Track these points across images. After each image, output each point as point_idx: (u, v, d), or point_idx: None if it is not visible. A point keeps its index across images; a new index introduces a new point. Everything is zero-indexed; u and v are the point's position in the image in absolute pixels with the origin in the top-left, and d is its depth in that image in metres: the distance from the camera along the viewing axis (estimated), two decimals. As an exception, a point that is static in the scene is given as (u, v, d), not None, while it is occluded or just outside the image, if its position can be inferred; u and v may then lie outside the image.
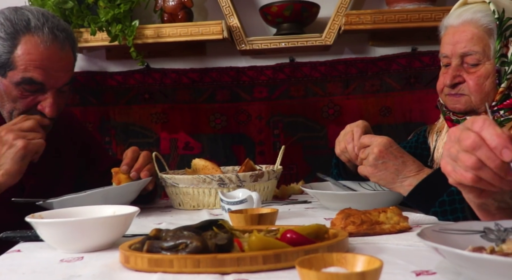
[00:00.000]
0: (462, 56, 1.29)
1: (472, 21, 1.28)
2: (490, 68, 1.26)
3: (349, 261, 0.64)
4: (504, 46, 1.26)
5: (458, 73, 1.30)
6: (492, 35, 1.26)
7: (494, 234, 0.78)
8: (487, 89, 1.27)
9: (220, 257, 0.74)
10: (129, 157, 1.39)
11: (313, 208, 1.37)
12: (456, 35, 1.30)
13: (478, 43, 1.26)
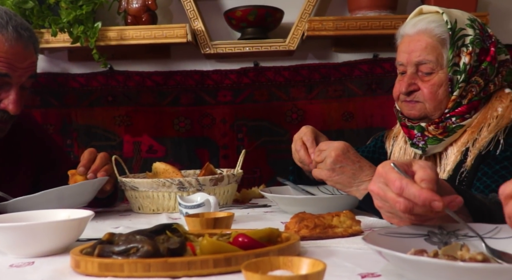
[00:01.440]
0: (417, 65, 1.32)
1: (427, 31, 1.31)
2: (443, 76, 1.30)
3: (295, 264, 0.65)
4: (456, 56, 1.29)
5: (413, 81, 1.33)
6: (445, 45, 1.30)
7: (437, 237, 0.81)
8: (441, 97, 1.31)
9: (171, 261, 0.74)
10: (86, 158, 1.38)
11: (272, 212, 1.39)
12: (412, 44, 1.33)
13: (432, 52, 1.30)
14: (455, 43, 1.29)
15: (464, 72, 1.29)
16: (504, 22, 2.22)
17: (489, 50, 1.31)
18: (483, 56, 1.30)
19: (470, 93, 1.30)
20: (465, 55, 1.29)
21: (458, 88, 1.29)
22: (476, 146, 1.26)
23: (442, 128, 1.31)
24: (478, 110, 1.31)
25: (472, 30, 1.31)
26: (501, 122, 1.24)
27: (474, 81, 1.30)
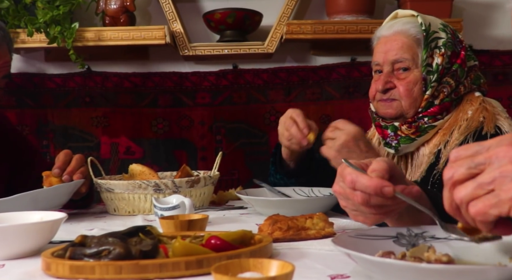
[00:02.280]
0: (393, 63, 1.37)
1: (402, 31, 1.36)
2: (418, 75, 1.35)
3: (265, 266, 0.66)
4: (429, 56, 1.35)
5: (389, 79, 1.37)
6: (420, 45, 1.35)
7: (405, 239, 0.82)
8: (415, 95, 1.35)
9: (143, 263, 0.74)
10: (61, 160, 1.37)
11: (248, 214, 1.39)
12: (388, 44, 1.37)
13: (407, 51, 1.35)
14: (429, 44, 1.34)
15: (436, 72, 1.34)
16: (477, 29, 2.27)
17: (460, 54, 1.37)
18: (454, 58, 1.36)
19: (442, 93, 1.34)
20: (438, 56, 1.34)
21: (431, 87, 1.34)
22: (448, 149, 1.30)
23: (415, 127, 1.34)
24: (449, 111, 1.36)
25: (445, 33, 1.36)
26: (471, 125, 1.28)
27: (446, 81, 1.35)
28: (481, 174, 0.57)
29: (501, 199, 0.54)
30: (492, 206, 0.55)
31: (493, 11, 2.28)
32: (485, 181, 0.56)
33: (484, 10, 2.28)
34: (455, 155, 0.61)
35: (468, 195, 0.57)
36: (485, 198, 0.56)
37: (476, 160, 0.57)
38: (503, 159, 0.55)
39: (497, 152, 0.56)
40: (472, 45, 2.21)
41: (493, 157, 0.56)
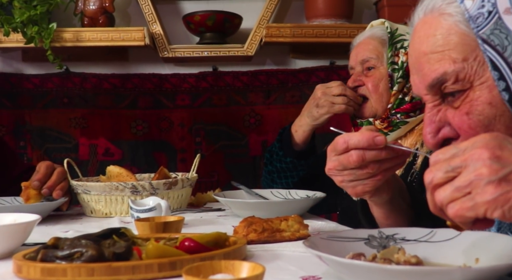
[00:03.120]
0: (362, 63, 1.49)
1: (370, 35, 1.51)
2: (383, 72, 1.46)
3: (236, 268, 0.67)
4: (395, 55, 1.45)
5: (358, 77, 1.50)
6: (385, 45, 1.47)
7: (377, 241, 0.84)
8: (381, 90, 1.45)
9: (115, 265, 0.74)
10: (42, 172, 1.34)
11: (225, 216, 1.40)
12: (358, 48, 1.52)
13: (374, 51, 1.47)
14: (394, 44, 1.45)
15: (401, 68, 1.43)
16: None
17: None
18: None
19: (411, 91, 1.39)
20: (403, 55, 1.44)
21: (397, 83, 1.43)
22: (424, 149, 1.35)
23: (387, 122, 1.43)
24: (423, 111, 1.41)
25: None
26: None
27: None
28: (458, 177, 0.58)
29: (477, 202, 0.56)
30: (468, 209, 0.57)
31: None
32: (461, 185, 0.58)
33: (460, 16, 2.32)
34: (434, 159, 0.63)
35: (447, 197, 0.59)
36: (461, 201, 0.58)
37: (453, 164, 0.59)
38: (478, 162, 0.57)
39: (472, 155, 0.58)
40: (448, 50, 2.25)
41: (469, 160, 0.58)
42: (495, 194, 0.55)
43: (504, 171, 0.56)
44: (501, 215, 0.56)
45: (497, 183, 0.55)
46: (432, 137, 0.78)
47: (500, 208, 0.56)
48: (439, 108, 0.78)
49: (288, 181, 1.61)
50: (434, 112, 0.78)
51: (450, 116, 0.76)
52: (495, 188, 0.55)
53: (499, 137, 0.59)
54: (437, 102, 0.78)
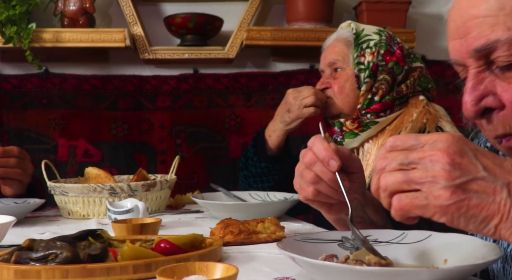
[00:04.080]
0: (330, 66, 1.53)
1: (337, 38, 1.54)
2: (350, 73, 1.48)
3: (210, 270, 0.68)
4: (361, 56, 1.47)
5: (327, 80, 1.54)
6: (351, 46, 1.49)
7: (350, 243, 0.85)
8: (347, 91, 1.48)
9: (90, 267, 0.75)
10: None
11: (203, 218, 1.41)
12: (326, 51, 1.56)
13: (339, 53, 1.51)
14: (359, 45, 1.47)
15: (368, 68, 1.45)
16: (430, 40, 2.35)
17: (395, 52, 1.47)
18: (388, 56, 1.46)
19: (380, 90, 1.44)
20: (369, 54, 1.46)
21: (365, 83, 1.45)
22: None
23: (358, 122, 1.45)
24: (393, 111, 1.45)
25: (378, 36, 1.48)
26: (415, 126, 1.37)
27: (383, 79, 1.45)
28: (412, 171, 0.58)
29: (429, 204, 0.56)
30: (418, 207, 0.57)
31: (445, 23, 2.36)
32: (414, 180, 0.57)
33: (437, 22, 2.37)
34: (391, 144, 0.62)
35: (394, 185, 0.59)
36: (413, 197, 0.57)
37: (410, 157, 0.58)
38: (437, 164, 0.57)
39: (431, 155, 0.58)
40: (425, 55, 2.29)
41: (427, 159, 0.57)
42: (450, 201, 0.55)
43: (462, 179, 0.56)
44: (448, 221, 0.57)
45: (453, 190, 0.55)
46: (473, 104, 0.72)
47: (450, 215, 0.56)
48: (484, 76, 0.72)
49: (264, 186, 1.62)
50: (479, 79, 0.72)
51: (500, 89, 0.72)
52: (450, 194, 0.55)
53: (461, 141, 0.58)
54: (482, 69, 0.72)
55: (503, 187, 0.55)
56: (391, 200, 0.60)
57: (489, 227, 0.56)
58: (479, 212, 0.55)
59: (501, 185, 0.56)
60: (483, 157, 0.58)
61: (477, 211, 0.55)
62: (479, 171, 0.56)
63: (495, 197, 0.55)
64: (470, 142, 0.60)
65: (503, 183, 0.56)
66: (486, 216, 0.55)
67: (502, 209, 0.55)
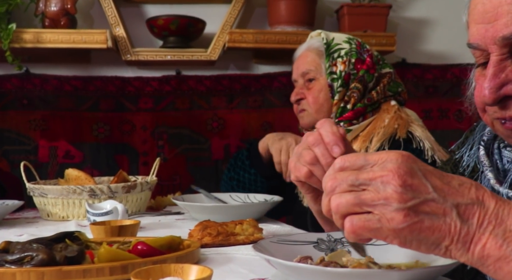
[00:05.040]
0: (303, 76, 1.54)
1: (308, 47, 1.56)
2: (323, 83, 1.50)
3: (185, 271, 0.69)
4: (333, 65, 1.49)
5: (301, 90, 1.55)
6: (323, 56, 1.52)
7: (325, 245, 0.87)
8: (322, 101, 1.51)
9: (66, 269, 0.75)
10: None
11: (183, 220, 1.41)
12: (299, 61, 1.57)
13: (312, 63, 1.52)
14: (331, 54, 1.50)
15: (340, 78, 1.47)
16: (411, 43, 2.39)
17: (365, 60, 1.50)
18: (359, 64, 1.49)
19: (352, 98, 1.47)
20: (340, 64, 1.48)
21: (338, 92, 1.48)
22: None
23: None
24: (366, 118, 1.47)
25: (348, 44, 1.51)
26: (387, 132, 1.39)
27: (354, 87, 1.48)
28: (363, 192, 0.56)
29: (382, 227, 0.55)
30: (371, 230, 0.56)
31: (425, 27, 2.41)
32: (366, 202, 0.56)
33: (417, 26, 2.40)
34: (340, 164, 0.60)
35: (346, 207, 0.57)
36: (366, 219, 0.56)
37: (360, 178, 0.57)
38: (388, 186, 0.55)
39: (382, 177, 0.56)
40: (405, 58, 2.32)
41: (378, 181, 0.56)
42: (403, 224, 0.54)
43: (414, 201, 0.54)
44: (401, 243, 0.56)
45: (406, 212, 0.54)
46: (493, 92, 0.71)
47: (403, 237, 0.55)
48: (506, 64, 0.71)
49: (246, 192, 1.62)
50: (501, 67, 0.71)
51: None
52: (403, 217, 0.54)
53: (410, 161, 0.57)
54: (504, 56, 0.71)
55: (452, 208, 0.55)
56: (343, 222, 0.58)
57: (440, 248, 0.56)
58: (431, 234, 0.55)
59: (450, 206, 0.55)
60: (432, 177, 0.57)
61: (429, 233, 0.55)
62: (430, 192, 0.55)
63: (446, 219, 0.55)
64: (419, 160, 0.58)
65: (452, 204, 0.55)
66: (438, 238, 0.55)
67: (452, 231, 0.55)
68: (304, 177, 0.77)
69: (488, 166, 0.83)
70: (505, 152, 0.83)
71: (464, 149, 0.92)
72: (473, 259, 0.55)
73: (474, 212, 0.55)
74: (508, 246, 0.54)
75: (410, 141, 1.38)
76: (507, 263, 0.53)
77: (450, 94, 2.34)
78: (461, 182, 0.58)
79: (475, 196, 0.56)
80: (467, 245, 0.55)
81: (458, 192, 0.56)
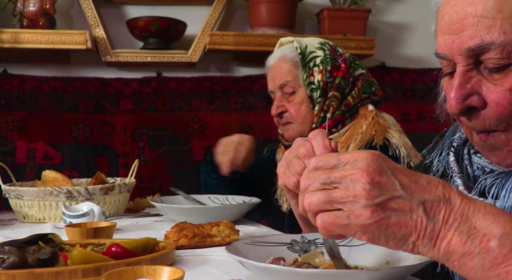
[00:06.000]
0: (281, 88, 1.51)
1: (282, 58, 1.52)
2: (303, 94, 1.48)
3: (158, 273, 0.69)
4: (310, 75, 1.48)
5: (281, 103, 1.52)
6: (298, 67, 1.49)
7: (299, 246, 0.88)
8: (304, 113, 1.48)
9: (38, 271, 0.75)
10: None
11: (162, 221, 1.41)
12: (274, 72, 1.53)
13: (289, 75, 1.49)
14: (307, 64, 1.47)
15: (319, 88, 1.46)
16: (390, 47, 2.42)
17: (340, 66, 1.49)
18: (335, 72, 1.48)
19: (331, 107, 1.46)
20: (317, 73, 1.47)
21: (318, 103, 1.47)
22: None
23: None
24: (345, 124, 1.47)
25: (322, 51, 1.49)
26: (364, 138, 1.39)
27: (332, 95, 1.47)
28: (333, 190, 0.58)
29: (351, 223, 0.57)
30: (340, 226, 0.58)
31: (403, 31, 2.44)
32: (336, 200, 0.58)
33: (396, 30, 2.43)
34: (314, 164, 0.62)
35: (317, 205, 0.59)
36: (335, 216, 0.58)
37: (331, 177, 0.59)
38: (357, 184, 0.57)
39: (352, 175, 0.58)
40: (384, 62, 2.35)
41: (348, 178, 0.57)
42: (371, 220, 0.56)
43: (381, 198, 0.56)
44: (369, 239, 0.58)
45: (374, 208, 0.56)
46: (459, 102, 0.72)
47: (371, 233, 0.57)
48: (471, 75, 0.72)
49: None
50: (466, 78, 0.72)
51: (486, 89, 0.72)
52: (371, 213, 0.56)
53: (380, 159, 0.59)
54: (470, 67, 0.72)
55: (419, 205, 0.56)
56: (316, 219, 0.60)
57: (407, 244, 0.57)
58: (398, 230, 0.56)
59: (417, 203, 0.56)
60: (401, 175, 0.58)
61: (396, 229, 0.56)
62: (397, 189, 0.57)
63: (412, 215, 0.56)
64: (389, 159, 0.60)
65: (419, 200, 0.57)
66: (405, 234, 0.56)
67: (418, 227, 0.56)
68: (292, 186, 0.77)
69: (457, 172, 0.84)
70: (475, 158, 0.84)
71: (434, 154, 0.94)
72: (439, 255, 0.57)
73: (440, 209, 0.57)
74: (472, 243, 0.55)
75: (387, 147, 1.37)
76: (471, 259, 0.55)
77: (428, 98, 2.38)
78: (429, 180, 0.59)
79: (442, 193, 0.58)
80: (433, 241, 0.56)
81: (426, 189, 0.58)
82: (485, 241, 0.54)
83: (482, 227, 0.55)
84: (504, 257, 0.53)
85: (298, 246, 0.88)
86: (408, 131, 2.28)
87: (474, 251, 0.54)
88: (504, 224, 0.55)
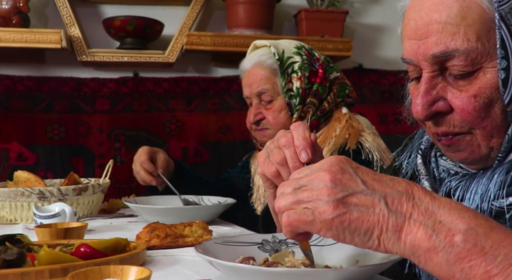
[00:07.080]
0: (258, 95, 1.49)
1: (259, 64, 1.48)
2: (282, 102, 1.46)
3: (125, 273, 0.68)
4: (289, 82, 1.46)
5: (258, 110, 1.50)
6: (277, 74, 1.46)
7: (270, 245, 0.88)
8: (283, 121, 1.47)
9: (3, 272, 0.74)
10: None
11: (136, 222, 1.40)
12: (250, 78, 1.50)
13: (267, 82, 1.46)
14: (285, 71, 1.45)
15: (298, 95, 1.44)
16: (367, 49, 2.44)
17: (318, 72, 1.48)
18: (313, 78, 1.47)
19: (308, 113, 1.45)
20: (296, 80, 1.44)
21: (296, 110, 1.45)
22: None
23: None
24: (319, 128, 1.46)
25: (299, 56, 1.47)
26: (337, 142, 1.38)
27: (310, 102, 1.45)
28: (301, 191, 0.61)
29: (315, 219, 0.59)
30: (305, 223, 0.60)
31: (381, 33, 2.46)
32: (303, 200, 0.60)
33: (373, 32, 2.46)
34: (292, 177, 0.65)
35: (286, 206, 0.61)
36: (301, 213, 0.60)
37: (301, 181, 0.62)
38: (320, 183, 0.59)
39: (317, 176, 0.60)
40: (362, 64, 2.37)
41: (314, 180, 0.60)
42: (332, 215, 0.57)
43: (342, 194, 0.58)
44: (334, 236, 0.59)
45: (335, 204, 0.58)
46: (425, 108, 0.74)
47: (335, 229, 0.58)
48: (437, 81, 0.74)
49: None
50: (432, 84, 0.74)
51: (451, 95, 0.73)
52: (333, 209, 0.57)
53: (343, 161, 0.61)
54: (435, 74, 0.74)
55: (380, 199, 0.58)
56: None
57: (372, 240, 0.58)
58: (361, 224, 0.57)
59: (378, 198, 0.58)
60: (363, 174, 0.60)
61: (358, 224, 0.57)
62: (359, 185, 0.59)
63: (374, 209, 0.57)
64: (353, 161, 0.62)
65: (380, 195, 0.58)
66: (368, 228, 0.57)
67: (381, 220, 0.57)
68: (271, 175, 0.78)
69: (424, 174, 0.85)
70: (441, 161, 0.86)
71: (403, 156, 0.95)
72: (405, 249, 0.57)
73: (402, 203, 0.58)
74: (437, 237, 0.55)
75: (360, 151, 1.37)
76: (436, 254, 0.55)
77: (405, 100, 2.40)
78: (393, 178, 0.61)
79: (405, 189, 0.59)
80: (397, 234, 0.57)
81: (388, 185, 0.59)
82: (450, 235, 0.55)
83: (447, 221, 0.56)
84: (468, 252, 0.54)
85: (269, 245, 0.88)
86: (385, 132, 2.30)
87: (439, 245, 0.55)
88: (468, 220, 0.56)
